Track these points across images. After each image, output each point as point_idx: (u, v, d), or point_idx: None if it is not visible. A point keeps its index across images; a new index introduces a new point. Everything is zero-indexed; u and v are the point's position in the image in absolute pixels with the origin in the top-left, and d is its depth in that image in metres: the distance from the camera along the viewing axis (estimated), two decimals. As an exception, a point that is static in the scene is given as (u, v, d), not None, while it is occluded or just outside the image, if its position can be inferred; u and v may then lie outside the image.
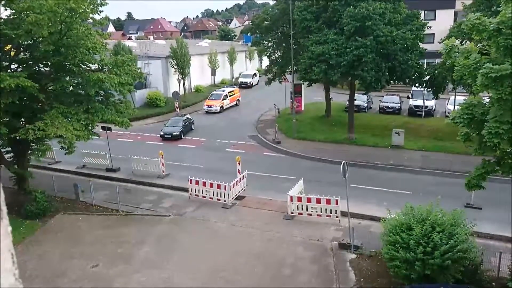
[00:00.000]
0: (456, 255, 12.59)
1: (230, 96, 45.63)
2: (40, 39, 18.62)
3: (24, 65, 20.14)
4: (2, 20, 18.24)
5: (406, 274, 13.03)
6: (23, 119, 20.28)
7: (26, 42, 19.72)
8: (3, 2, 17.81)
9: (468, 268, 13.51)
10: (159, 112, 42.90)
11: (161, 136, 34.05)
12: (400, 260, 13.02)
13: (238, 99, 47.54)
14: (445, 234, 12.86)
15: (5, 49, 20.05)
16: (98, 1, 19.48)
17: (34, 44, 19.71)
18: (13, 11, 18.23)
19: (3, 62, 19.59)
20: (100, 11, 19.99)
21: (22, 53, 20.81)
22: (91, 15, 19.93)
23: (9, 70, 19.31)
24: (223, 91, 45.96)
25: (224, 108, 44.21)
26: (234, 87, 49.95)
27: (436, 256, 12.46)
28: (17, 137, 18.31)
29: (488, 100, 12.96)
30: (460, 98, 31.43)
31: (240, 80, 60.30)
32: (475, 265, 13.81)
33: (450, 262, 12.53)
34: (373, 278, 15.14)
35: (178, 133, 33.97)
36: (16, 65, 20.29)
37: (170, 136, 33.66)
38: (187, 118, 36.50)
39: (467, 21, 12.41)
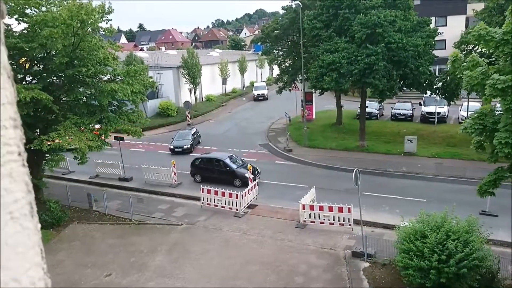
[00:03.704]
0: (472, 263, 12.40)
1: None
2: (54, 52, 18.90)
3: (39, 77, 20.45)
4: (16, 34, 18.57)
5: (420, 282, 12.86)
6: (37, 130, 20.56)
7: (40, 55, 20.03)
8: (15, 16, 18.14)
9: (485, 276, 13.30)
10: (171, 122, 43.24)
11: (170, 150, 32.78)
12: (415, 269, 12.86)
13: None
14: (460, 242, 12.68)
15: (20, 62, 20.39)
16: (106, 9, 19.65)
17: (48, 57, 20.03)
18: (27, 24, 18.52)
19: (18, 75, 19.92)
20: (109, 19, 20.12)
21: (36, 66, 21.13)
22: (99, 24, 20.08)
23: (24, 82, 19.64)
24: None
25: None
26: None
27: (452, 264, 12.29)
28: (32, 148, 18.55)
29: (499, 108, 12.86)
30: (474, 105, 31.15)
31: (256, 92, 57.68)
32: (491, 273, 13.58)
33: (466, 270, 12.35)
34: (387, 286, 14.95)
35: (189, 146, 32.97)
36: (30, 78, 20.62)
37: (180, 150, 32.60)
38: (195, 131, 35.44)
39: (474, 32, 12.38)
